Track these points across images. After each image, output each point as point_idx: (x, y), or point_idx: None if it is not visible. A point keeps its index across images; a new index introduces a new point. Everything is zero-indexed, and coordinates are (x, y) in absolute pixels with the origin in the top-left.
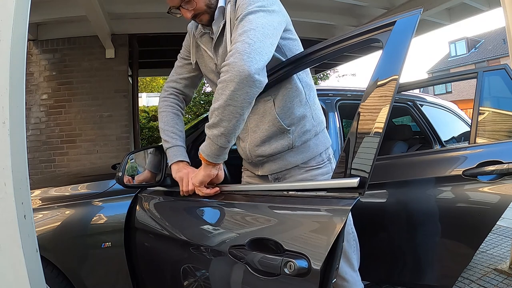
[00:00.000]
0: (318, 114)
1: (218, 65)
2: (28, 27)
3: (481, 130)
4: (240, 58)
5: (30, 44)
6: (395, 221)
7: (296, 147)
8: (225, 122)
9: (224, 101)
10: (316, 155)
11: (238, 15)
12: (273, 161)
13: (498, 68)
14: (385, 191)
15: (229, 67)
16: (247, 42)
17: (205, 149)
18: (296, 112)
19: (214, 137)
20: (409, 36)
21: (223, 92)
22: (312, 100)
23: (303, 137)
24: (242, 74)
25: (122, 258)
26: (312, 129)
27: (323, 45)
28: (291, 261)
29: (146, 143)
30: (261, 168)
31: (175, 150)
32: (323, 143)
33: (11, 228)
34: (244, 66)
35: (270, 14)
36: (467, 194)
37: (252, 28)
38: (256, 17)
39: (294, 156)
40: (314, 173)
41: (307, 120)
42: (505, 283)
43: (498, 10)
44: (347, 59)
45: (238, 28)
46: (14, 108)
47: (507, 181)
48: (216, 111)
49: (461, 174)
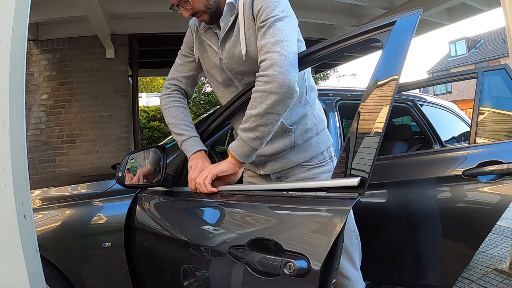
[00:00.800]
0: (319, 113)
1: (223, 59)
2: (28, 27)
3: (481, 130)
4: (280, 71)
5: (30, 44)
6: (395, 221)
7: (298, 145)
8: (262, 127)
9: (264, 110)
10: (318, 153)
11: (264, 20)
12: (275, 160)
13: (498, 68)
14: (385, 191)
15: (269, 78)
16: (283, 54)
17: (237, 149)
18: (298, 112)
19: (249, 140)
20: (409, 36)
21: (264, 101)
22: (313, 100)
23: (304, 136)
24: (284, 87)
25: (122, 258)
26: (313, 128)
27: (323, 45)
28: (290, 261)
29: (146, 143)
30: (263, 168)
31: (192, 140)
32: (324, 141)
33: (11, 228)
34: (285, 80)
35: (291, 20)
36: (467, 194)
37: (284, 39)
38: (283, 25)
39: (296, 154)
40: (316, 171)
41: (309, 119)
42: (505, 283)
43: (498, 10)
44: (347, 59)
45: (268, 36)
46: (14, 108)
47: (507, 181)
48: (254, 117)
49: (461, 174)
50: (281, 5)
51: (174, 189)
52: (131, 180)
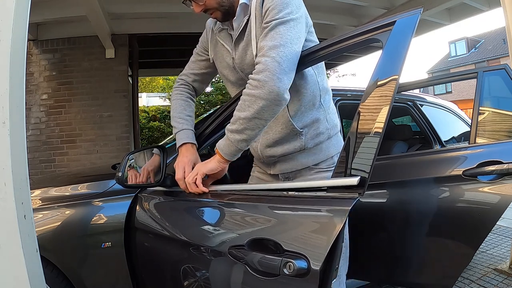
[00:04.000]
0: (333, 118)
1: (235, 59)
2: (28, 27)
3: (481, 130)
4: (271, 78)
5: (30, 44)
6: (395, 221)
7: (308, 148)
8: (249, 130)
9: (251, 114)
10: (328, 157)
11: (269, 21)
12: (284, 161)
13: (498, 68)
14: (385, 191)
15: (259, 83)
16: (277, 61)
17: (224, 148)
18: (310, 115)
19: (236, 141)
20: (409, 36)
21: (252, 106)
22: (327, 103)
23: (315, 140)
24: (272, 94)
25: (122, 258)
26: (325, 132)
27: (323, 45)
28: (290, 261)
29: (146, 143)
30: (273, 168)
31: (180, 133)
32: (335, 146)
33: (11, 228)
34: (274, 87)
35: (297, 24)
36: (467, 194)
37: (282, 44)
38: (286, 29)
39: (306, 157)
40: (323, 175)
41: (321, 123)
42: (505, 283)
43: (498, 10)
44: (347, 59)
45: (268, 38)
46: (14, 108)
47: (507, 181)
48: (242, 120)
49: (461, 174)
50: (289, 7)
51: (174, 189)
52: (137, 179)
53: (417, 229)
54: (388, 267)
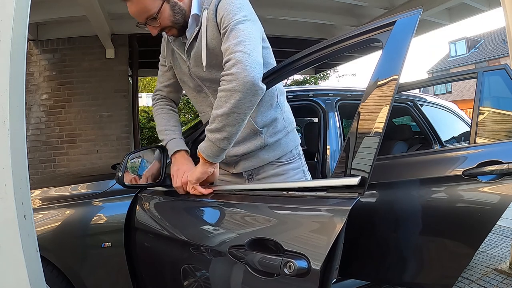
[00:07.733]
0: (288, 115)
1: (191, 67)
2: (28, 27)
3: (481, 130)
4: (244, 69)
5: (30, 44)
6: (394, 221)
7: (269, 145)
8: (229, 127)
9: (229, 109)
10: (287, 151)
11: (226, 25)
12: (246, 159)
13: (498, 68)
14: (385, 191)
15: (232, 77)
16: (246, 53)
17: (206, 150)
18: (269, 115)
19: (217, 141)
20: (409, 36)
21: (228, 101)
22: (282, 103)
23: (274, 137)
24: (247, 84)
25: (122, 258)
26: (283, 129)
27: (323, 45)
28: (290, 261)
29: (146, 143)
30: (236, 167)
31: (170, 144)
32: (293, 140)
33: (11, 228)
34: (248, 77)
35: (254, 23)
36: (467, 194)
37: (246, 38)
38: (245, 26)
39: (267, 153)
40: (285, 168)
41: (279, 122)
42: (505, 283)
43: (498, 10)
44: (347, 59)
45: (231, 38)
46: (14, 108)
47: (507, 181)
48: (220, 117)
49: (461, 174)
50: (243, 11)
51: (174, 189)
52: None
53: (417, 229)
54: (387, 267)
